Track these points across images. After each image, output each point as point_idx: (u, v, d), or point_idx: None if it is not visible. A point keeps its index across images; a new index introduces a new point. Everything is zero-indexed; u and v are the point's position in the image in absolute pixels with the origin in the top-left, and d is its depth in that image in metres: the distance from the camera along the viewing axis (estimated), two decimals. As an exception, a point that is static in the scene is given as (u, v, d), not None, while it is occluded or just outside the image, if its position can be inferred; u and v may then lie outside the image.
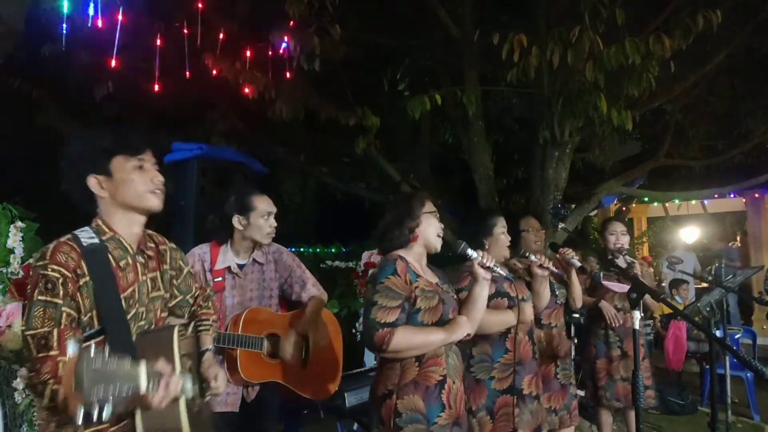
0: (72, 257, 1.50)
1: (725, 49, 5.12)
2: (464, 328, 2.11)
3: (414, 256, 2.24)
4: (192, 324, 1.92)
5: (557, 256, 3.11)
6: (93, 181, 1.58)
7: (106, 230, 1.60)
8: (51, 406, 1.44)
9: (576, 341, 4.92)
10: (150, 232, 1.75)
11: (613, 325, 3.59)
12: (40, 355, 1.44)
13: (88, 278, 1.51)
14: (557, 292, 3.21)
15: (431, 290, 2.15)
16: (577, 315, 4.79)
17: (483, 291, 2.26)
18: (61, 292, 1.46)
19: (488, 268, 2.23)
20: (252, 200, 2.69)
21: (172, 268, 1.79)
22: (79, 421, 1.24)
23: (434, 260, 2.39)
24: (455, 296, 2.35)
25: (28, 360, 1.47)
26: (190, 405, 1.60)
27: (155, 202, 1.63)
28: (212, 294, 2.04)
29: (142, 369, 1.29)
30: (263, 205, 2.70)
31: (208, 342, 1.91)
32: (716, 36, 4.29)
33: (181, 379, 1.48)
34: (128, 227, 1.63)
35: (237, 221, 2.68)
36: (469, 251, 2.27)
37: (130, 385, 1.26)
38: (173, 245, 1.82)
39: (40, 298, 1.46)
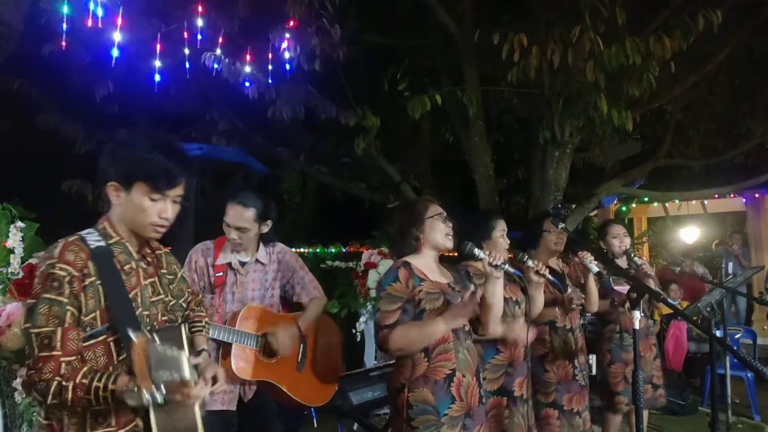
0: (80, 257, 1.51)
1: (725, 49, 5.12)
2: (462, 312, 2.10)
3: (424, 260, 2.30)
4: (185, 325, 1.93)
5: (576, 259, 3.09)
6: (112, 187, 1.59)
7: (113, 234, 1.62)
8: (55, 403, 1.45)
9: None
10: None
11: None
12: (42, 354, 1.44)
13: (94, 279, 1.52)
14: (573, 295, 3.20)
15: (436, 292, 2.21)
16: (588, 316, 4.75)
17: (497, 289, 2.30)
18: (67, 291, 1.47)
19: (497, 267, 2.25)
20: (228, 203, 2.64)
21: (169, 272, 1.80)
22: (146, 402, 1.36)
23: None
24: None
25: (29, 357, 1.47)
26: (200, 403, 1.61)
27: (152, 236, 1.66)
28: (203, 299, 2.06)
29: (184, 356, 1.33)
30: (228, 215, 2.64)
31: (202, 342, 1.94)
32: (716, 36, 4.29)
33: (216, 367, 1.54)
34: (132, 235, 1.65)
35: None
36: (476, 251, 2.30)
37: (178, 372, 1.31)
38: (166, 250, 1.84)
39: (46, 295, 1.47)
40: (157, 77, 4.30)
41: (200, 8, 4.18)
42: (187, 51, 4.26)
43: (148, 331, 1.57)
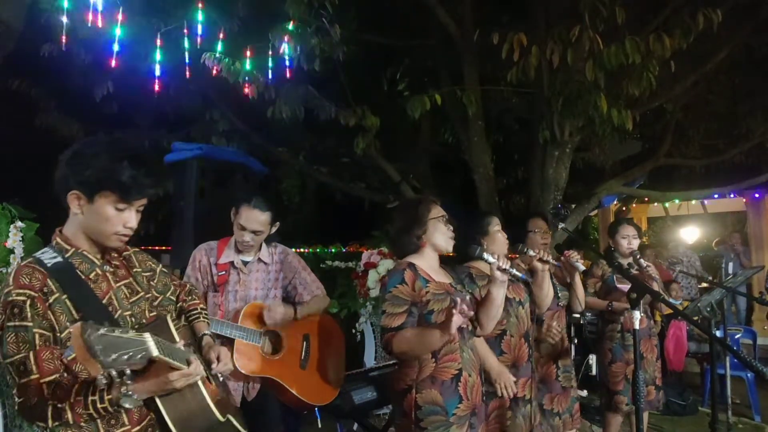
0: (36, 277, 1.48)
1: (725, 49, 5.12)
2: (455, 320, 2.04)
3: (426, 261, 2.32)
4: (183, 317, 1.93)
5: (562, 258, 3.10)
6: (73, 197, 1.54)
7: (68, 247, 1.57)
8: (57, 425, 1.44)
9: (576, 342, 4.89)
10: None
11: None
12: (23, 380, 1.43)
13: (59, 295, 1.49)
14: (559, 294, 3.19)
15: (442, 292, 2.23)
16: (577, 315, 4.76)
17: (501, 292, 2.33)
18: (29, 314, 1.44)
19: (505, 271, 2.27)
20: (242, 206, 2.65)
21: (144, 270, 1.77)
22: (102, 386, 1.34)
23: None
24: (468, 295, 2.39)
25: (14, 387, 1.47)
26: (205, 386, 1.61)
27: (116, 245, 1.61)
28: (193, 288, 2.03)
29: (147, 335, 1.33)
30: (242, 218, 2.66)
31: (203, 328, 1.92)
32: (716, 35, 4.29)
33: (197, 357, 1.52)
34: (93, 244, 1.61)
35: (232, 213, 2.70)
36: (486, 255, 2.33)
37: (141, 350, 1.30)
38: (135, 249, 1.80)
39: (9, 324, 1.44)
40: (157, 76, 4.30)
41: (200, 8, 4.18)
42: (186, 51, 4.26)
43: (136, 329, 1.54)
